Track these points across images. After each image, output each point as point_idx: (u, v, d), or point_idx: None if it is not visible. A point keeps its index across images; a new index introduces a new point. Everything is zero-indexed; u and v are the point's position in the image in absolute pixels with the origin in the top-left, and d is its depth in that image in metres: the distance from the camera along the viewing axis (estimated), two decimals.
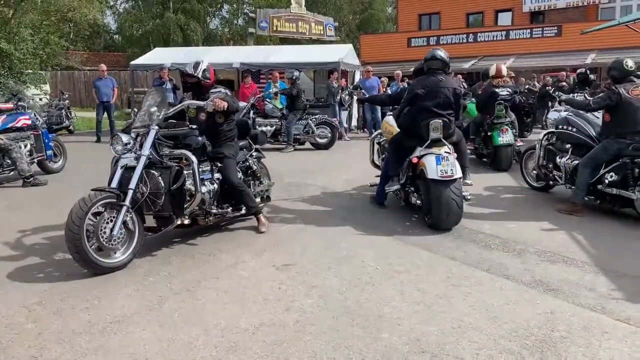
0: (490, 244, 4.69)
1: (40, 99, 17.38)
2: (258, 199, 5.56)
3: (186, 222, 4.64)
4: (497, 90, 8.62)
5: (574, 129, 6.04)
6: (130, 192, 4.10)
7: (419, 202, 5.41)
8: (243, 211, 5.15)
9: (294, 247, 4.69)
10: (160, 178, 4.30)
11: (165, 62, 14.50)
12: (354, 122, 15.42)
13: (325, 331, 3.09)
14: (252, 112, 11.48)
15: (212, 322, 3.24)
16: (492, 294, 3.62)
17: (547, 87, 13.78)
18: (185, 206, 4.47)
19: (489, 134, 8.59)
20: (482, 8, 26.58)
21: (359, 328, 3.13)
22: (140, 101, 5.65)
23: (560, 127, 6.28)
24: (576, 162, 5.83)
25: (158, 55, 16.39)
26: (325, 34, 22.37)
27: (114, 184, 4.20)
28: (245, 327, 3.16)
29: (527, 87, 14.85)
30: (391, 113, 6.60)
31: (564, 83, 14.09)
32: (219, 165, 4.93)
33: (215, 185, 4.88)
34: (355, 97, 12.74)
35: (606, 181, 5.47)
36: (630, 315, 3.27)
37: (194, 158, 4.52)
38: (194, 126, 4.80)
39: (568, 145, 6.13)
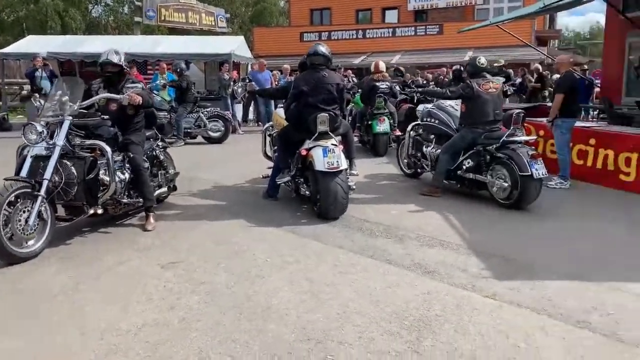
0: (375, 231, 4.90)
1: None
2: (165, 188, 5.77)
3: (99, 211, 4.65)
4: (377, 84, 9.40)
5: (437, 121, 6.70)
6: (45, 182, 4.15)
7: (308, 192, 5.52)
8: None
9: (181, 244, 4.57)
10: (73, 168, 4.36)
11: (41, 51, 13.41)
12: (250, 116, 15.31)
13: (211, 327, 3.06)
14: None
15: (90, 325, 3.07)
16: (376, 279, 3.78)
17: (430, 82, 14.59)
18: (99, 196, 4.59)
19: (369, 123, 9.39)
20: (371, 5, 27.52)
21: (246, 321, 3.13)
22: (12, 93, 5.39)
23: (425, 119, 6.94)
24: (439, 150, 6.43)
25: (32, 44, 15.08)
26: (217, 25, 21.97)
27: (24, 174, 4.18)
28: (127, 329, 3.04)
29: (411, 81, 15.60)
30: (282, 105, 6.66)
31: (445, 78, 14.99)
32: (128, 154, 4.97)
33: (127, 175, 4.96)
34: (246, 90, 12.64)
35: (464, 167, 6.11)
36: (497, 291, 3.58)
37: (108, 148, 4.59)
38: (106, 116, 4.85)
39: (432, 136, 6.79)
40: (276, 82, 13.95)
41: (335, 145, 5.33)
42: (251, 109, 15.11)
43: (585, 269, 3.97)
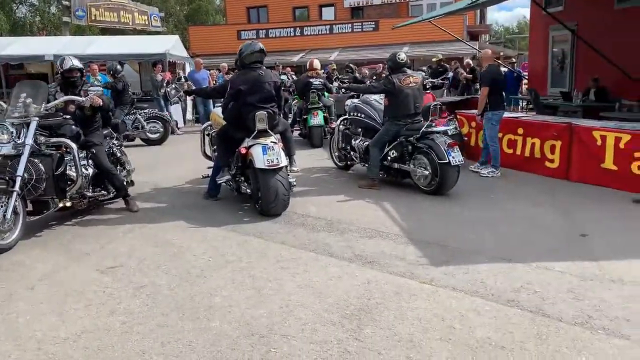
0: (317, 226, 4.97)
1: None
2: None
3: (68, 204, 5.00)
4: (311, 80, 10.07)
5: (363, 115, 7.05)
6: (19, 179, 4.47)
7: (249, 191, 5.53)
8: (111, 195, 5.64)
9: (120, 248, 4.48)
10: (41, 165, 4.69)
11: None
12: (189, 116, 15.05)
13: (153, 329, 3.04)
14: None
15: (26, 335, 2.98)
16: (318, 272, 3.86)
17: (365, 78, 14.82)
18: (67, 190, 4.95)
19: (305, 117, 10.11)
20: (307, 2, 27.66)
21: (189, 321, 3.13)
22: None
23: (352, 113, 7.28)
24: (367, 143, 6.75)
25: None
26: (151, 24, 21.44)
27: None
28: (65, 336, 2.97)
29: (336, 77, 15.82)
30: (220, 105, 6.62)
31: (383, 73, 15.30)
32: (92, 152, 5.34)
33: (90, 170, 5.32)
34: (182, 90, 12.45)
35: (389, 158, 6.44)
36: (434, 277, 3.74)
37: (74, 145, 4.97)
38: (68, 116, 5.19)
39: (360, 129, 7.11)
40: (214, 82, 13.79)
41: (275, 142, 5.37)
42: (189, 109, 14.87)
43: (514, 251, 4.20)
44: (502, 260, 4.03)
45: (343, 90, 9.52)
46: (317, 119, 9.92)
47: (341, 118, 7.62)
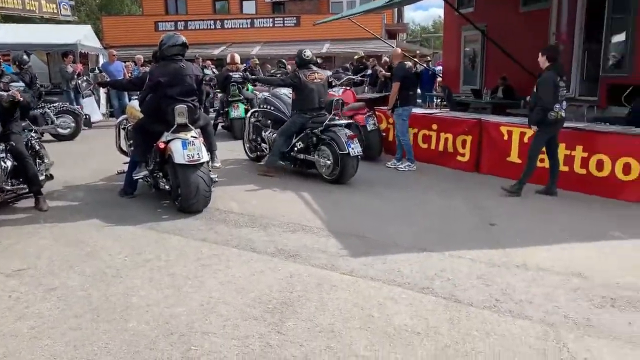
0: (240, 222, 4.94)
1: None
2: (43, 177, 5.81)
3: None
4: (230, 74, 10.25)
5: (272, 108, 7.37)
6: None
7: (168, 187, 5.39)
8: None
9: (27, 249, 4.23)
10: None
11: None
12: (103, 109, 14.35)
13: (65, 332, 2.90)
14: None
15: None
16: (240, 267, 3.84)
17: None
18: None
19: (226, 109, 10.36)
20: None
21: (105, 322, 3.01)
22: None
23: (262, 106, 7.60)
24: (275, 134, 6.99)
25: None
26: (60, 12, 20.18)
27: None
28: None
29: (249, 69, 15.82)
30: (136, 97, 6.40)
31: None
32: (10, 143, 5.24)
33: (9, 163, 5.22)
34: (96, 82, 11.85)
35: (296, 149, 6.77)
36: (354, 268, 3.83)
37: None
38: None
39: (269, 121, 7.41)
40: (129, 74, 13.26)
41: (195, 137, 5.26)
42: (103, 102, 14.20)
43: (429, 242, 4.40)
44: (418, 250, 4.20)
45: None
46: (237, 112, 10.13)
47: (251, 110, 7.87)
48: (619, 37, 8.81)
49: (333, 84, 8.14)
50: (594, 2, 9.19)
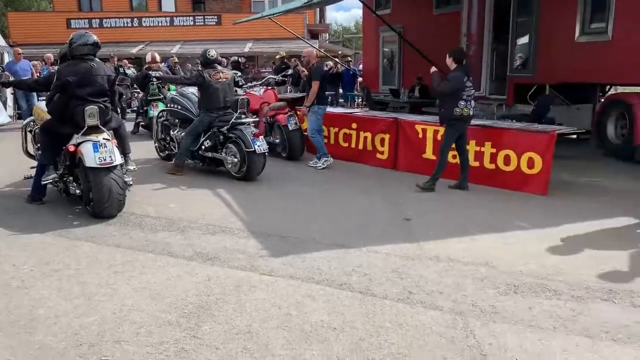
0: (156, 226, 4.81)
1: None
2: None
3: None
4: (150, 72, 10.06)
5: (179, 107, 7.39)
6: None
7: (79, 191, 5.14)
8: None
9: None
10: None
11: None
12: (10, 111, 13.43)
13: None
14: None
15: None
16: (155, 273, 3.74)
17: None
18: None
19: (145, 108, 10.28)
20: None
21: (6, 337, 2.84)
22: None
23: (169, 105, 7.63)
24: (184, 133, 7.01)
25: None
26: None
27: None
28: None
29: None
30: (44, 98, 6.07)
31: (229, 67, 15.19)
32: None
33: None
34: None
35: (203, 147, 6.84)
36: (273, 268, 3.84)
37: None
38: None
39: (177, 120, 7.42)
40: (38, 74, 12.52)
41: (107, 139, 5.06)
42: (10, 103, 13.31)
43: (348, 238, 4.49)
44: (337, 246, 4.28)
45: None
46: (156, 111, 9.82)
47: (159, 109, 7.86)
48: (524, 40, 9.41)
49: (240, 83, 8.24)
50: (501, 6, 9.75)
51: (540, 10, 8.85)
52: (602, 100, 9.21)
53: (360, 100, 14.58)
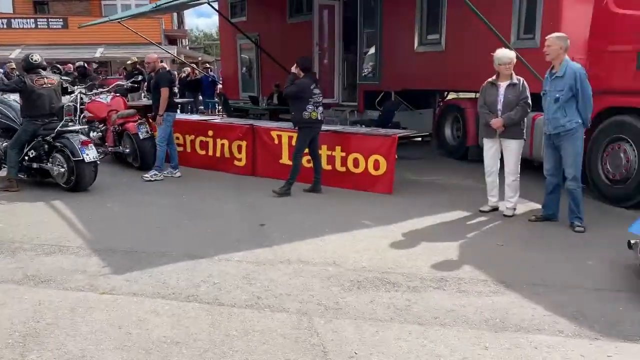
0: None
1: None
2: None
3: None
4: None
5: (0, 116, 6.86)
6: None
7: None
8: None
9: None
10: None
11: None
12: None
13: None
14: None
15: None
16: None
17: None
18: None
19: None
20: None
21: None
22: None
23: None
24: (6, 144, 6.58)
25: None
26: None
27: None
28: None
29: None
30: None
31: (75, 73, 14.15)
32: None
33: None
34: None
35: (27, 158, 6.51)
36: (115, 285, 3.62)
37: None
38: None
39: (0, 130, 6.89)
40: None
41: None
42: None
43: (200, 248, 4.38)
44: (188, 258, 4.16)
45: None
46: None
47: None
48: (371, 50, 9.99)
49: (69, 89, 7.76)
50: (349, 18, 10.26)
51: (383, 22, 9.45)
52: (441, 105, 10.07)
53: (220, 107, 14.44)
